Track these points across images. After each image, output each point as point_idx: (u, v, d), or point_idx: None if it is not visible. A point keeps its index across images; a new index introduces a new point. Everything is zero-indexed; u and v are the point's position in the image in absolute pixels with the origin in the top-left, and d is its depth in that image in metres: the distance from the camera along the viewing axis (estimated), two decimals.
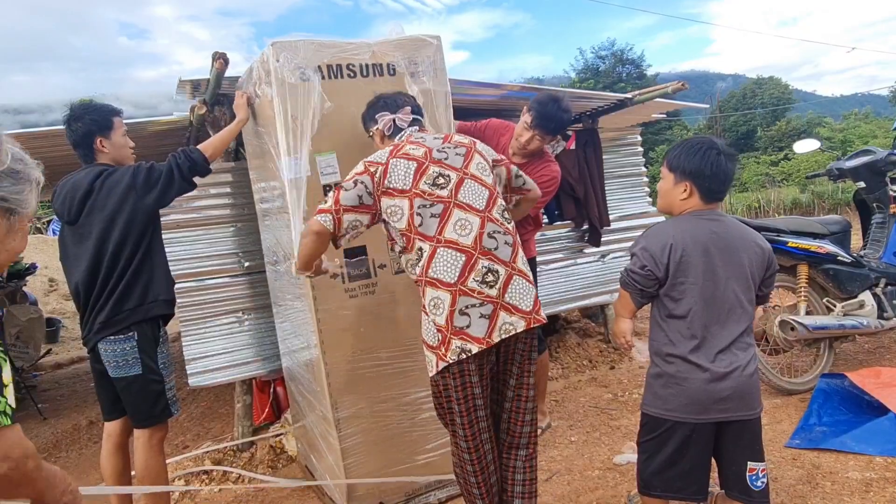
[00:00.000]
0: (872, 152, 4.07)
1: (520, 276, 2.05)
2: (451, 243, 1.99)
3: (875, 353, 4.12)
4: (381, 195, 2.05)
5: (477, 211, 2.05)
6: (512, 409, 2.15)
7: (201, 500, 3.15)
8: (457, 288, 1.96)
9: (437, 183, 2.05)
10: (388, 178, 2.05)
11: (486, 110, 4.21)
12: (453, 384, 2.00)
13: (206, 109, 3.34)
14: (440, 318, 1.97)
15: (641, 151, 5.28)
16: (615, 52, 34.72)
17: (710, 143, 2.06)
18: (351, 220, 2.03)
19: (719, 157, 2.02)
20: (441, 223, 2.01)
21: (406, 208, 2.02)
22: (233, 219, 3.56)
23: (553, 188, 3.18)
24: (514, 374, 2.12)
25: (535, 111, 2.95)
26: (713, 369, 1.97)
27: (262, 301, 3.53)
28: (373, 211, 2.07)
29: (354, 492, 2.56)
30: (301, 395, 2.99)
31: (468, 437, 2.04)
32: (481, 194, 2.08)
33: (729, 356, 1.99)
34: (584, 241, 4.79)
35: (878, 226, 4.04)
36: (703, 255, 2.00)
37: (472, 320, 1.95)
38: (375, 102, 2.33)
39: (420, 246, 2.01)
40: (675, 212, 2.13)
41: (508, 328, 1.98)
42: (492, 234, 2.04)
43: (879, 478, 2.58)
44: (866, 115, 29.05)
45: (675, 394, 2.01)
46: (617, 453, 3.05)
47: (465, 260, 1.98)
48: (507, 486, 2.15)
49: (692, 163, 2.04)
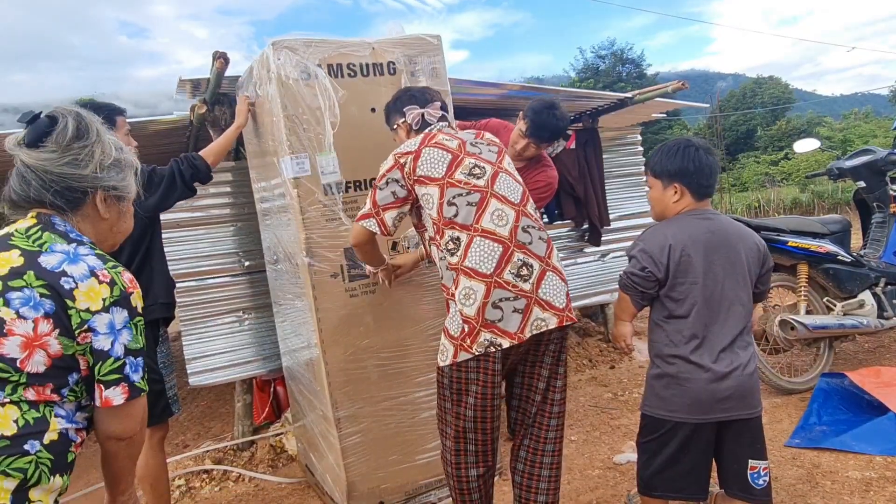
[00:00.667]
0: (872, 152, 4.08)
1: (553, 272, 2.01)
2: (488, 233, 1.96)
3: (875, 352, 4.13)
4: (415, 183, 2.05)
5: (512, 204, 2.03)
6: (538, 412, 2.09)
7: (202, 499, 3.15)
8: (492, 280, 1.91)
9: (474, 173, 2.03)
10: (419, 166, 2.03)
11: (487, 110, 4.22)
12: (470, 378, 1.95)
13: (207, 109, 3.35)
14: (470, 309, 1.91)
15: (641, 151, 5.28)
16: (615, 52, 34.73)
17: (686, 142, 2.10)
18: (394, 216, 2.09)
19: (698, 152, 2.05)
20: (478, 212, 1.98)
21: (436, 197, 2.00)
22: (233, 218, 3.56)
23: (548, 194, 3.18)
24: (542, 376, 2.07)
25: (529, 120, 2.93)
26: (715, 369, 1.97)
27: (262, 300, 3.53)
28: (410, 199, 2.09)
29: (354, 491, 2.57)
30: (301, 394, 2.99)
31: (478, 438, 1.99)
32: (515, 189, 2.08)
33: (730, 355, 1.99)
34: (584, 240, 4.79)
35: (878, 225, 4.04)
36: (702, 253, 2.00)
37: (505, 314, 1.91)
38: (402, 95, 2.29)
39: (457, 235, 1.97)
40: (669, 216, 2.14)
41: (540, 324, 1.93)
42: (526, 228, 2.01)
43: (879, 477, 2.58)
44: (866, 114, 29.06)
45: (678, 394, 2.01)
46: (617, 452, 3.05)
47: (501, 251, 1.94)
48: (532, 489, 2.11)
49: (674, 164, 2.07)
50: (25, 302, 1.22)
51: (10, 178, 1.36)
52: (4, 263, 1.25)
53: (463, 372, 1.95)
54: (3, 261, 1.26)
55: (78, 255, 1.30)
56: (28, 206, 1.37)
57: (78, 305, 1.25)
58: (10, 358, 1.19)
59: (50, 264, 1.27)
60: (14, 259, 1.26)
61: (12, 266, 1.25)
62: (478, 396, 1.96)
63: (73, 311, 1.25)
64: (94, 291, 1.27)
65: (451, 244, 1.97)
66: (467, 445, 2.02)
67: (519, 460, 2.13)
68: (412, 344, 2.62)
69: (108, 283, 1.30)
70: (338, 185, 2.52)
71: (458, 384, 1.97)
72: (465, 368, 1.94)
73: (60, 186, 1.34)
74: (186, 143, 4.22)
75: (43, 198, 1.34)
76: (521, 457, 2.12)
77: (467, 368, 1.94)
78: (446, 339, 1.98)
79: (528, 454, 2.10)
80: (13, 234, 1.32)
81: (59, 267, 1.27)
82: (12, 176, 1.37)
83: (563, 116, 2.97)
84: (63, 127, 1.35)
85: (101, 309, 1.28)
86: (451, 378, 1.98)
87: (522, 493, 2.12)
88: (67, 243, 1.32)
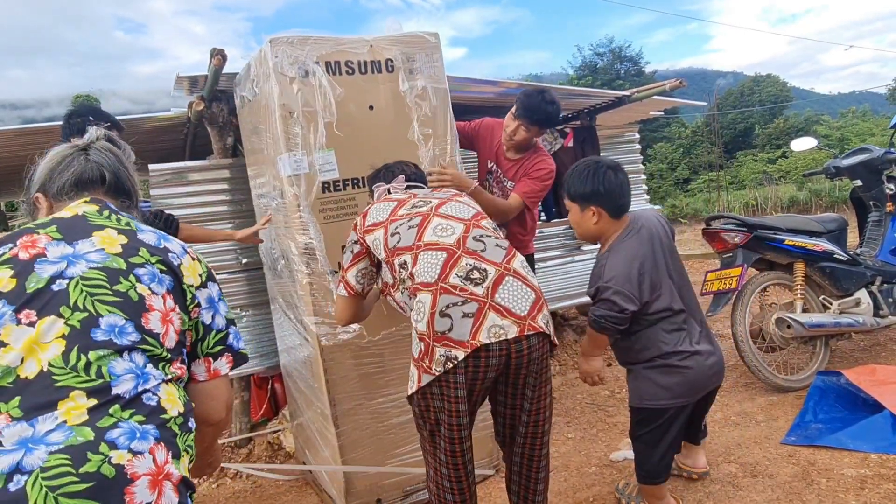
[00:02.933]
0: (869, 150, 4.08)
1: (516, 277, 1.82)
2: (431, 245, 1.85)
3: (871, 350, 4.14)
4: (364, 234, 2.04)
5: (460, 219, 1.94)
6: (528, 434, 1.92)
7: (199, 495, 3.16)
8: (437, 286, 1.75)
9: (416, 206, 2.02)
10: (366, 219, 2.05)
11: (484, 108, 4.22)
12: (436, 406, 1.78)
13: (204, 106, 3.34)
14: (421, 325, 1.76)
15: (639, 149, 5.30)
16: (613, 49, 34.69)
17: (595, 164, 2.21)
18: (354, 273, 2.07)
19: (608, 173, 2.17)
20: (420, 231, 1.90)
21: (381, 236, 1.97)
22: (231, 215, 3.55)
23: (550, 181, 3.19)
24: (528, 397, 1.87)
25: (520, 102, 2.99)
26: (702, 350, 2.20)
27: (259, 298, 3.53)
28: (363, 252, 2.06)
29: (352, 488, 2.57)
30: (299, 391, 3.00)
31: (449, 463, 1.82)
32: (467, 210, 2.01)
33: (706, 334, 2.26)
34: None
35: (875, 224, 4.05)
36: (655, 262, 2.18)
37: (455, 321, 1.71)
38: (375, 174, 2.30)
39: (404, 259, 1.87)
40: (594, 236, 2.29)
41: (499, 332, 1.72)
42: (478, 237, 1.88)
43: (874, 474, 2.59)
44: (864, 113, 29.05)
45: (678, 381, 2.16)
46: (614, 450, 3.06)
47: (446, 257, 1.80)
48: (529, 500, 2.00)
49: (587, 186, 2.18)
50: (152, 278, 1.21)
51: (73, 161, 1.36)
52: (111, 242, 1.22)
53: (429, 399, 1.79)
54: (107, 239, 1.22)
55: (163, 234, 1.32)
56: (82, 188, 1.36)
57: (186, 281, 1.27)
58: (156, 333, 1.17)
59: (152, 241, 1.27)
60: (116, 236, 1.24)
61: (121, 244, 1.23)
62: (442, 422, 1.79)
63: (185, 286, 1.27)
64: (193, 268, 1.30)
65: (402, 271, 1.88)
66: (447, 475, 1.85)
67: (513, 476, 2.03)
68: (410, 341, 2.62)
69: (197, 259, 1.34)
70: (335, 183, 2.52)
71: (427, 411, 1.82)
72: (430, 395, 1.78)
73: (130, 179, 1.42)
74: (184, 140, 4.22)
75: (109, 180, 1.37)
76: (514, 471, 2.01)
77: (431, 394, 1.77)
78: (412, 364, 1.83)
79: (522, 476, 1.99)
80: (85, 216, 1.27)
81: (160, 244, 1.27)
82: (83, 159, 1.37)
83: (552, 100, 2.99)
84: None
85: (201, 284, 1.30)
86: (421, 407, 1.84)
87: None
88: (144, 224, 1.33)
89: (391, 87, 2.61)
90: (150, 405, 1.10)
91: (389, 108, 2.61)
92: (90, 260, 1.17)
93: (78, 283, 1.14)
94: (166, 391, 1.14)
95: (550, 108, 2.99)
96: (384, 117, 2.60)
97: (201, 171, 3.49)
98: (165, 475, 1.05)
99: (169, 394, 1.14)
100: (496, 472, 2.89)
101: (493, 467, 2.89)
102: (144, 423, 1.07)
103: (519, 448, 1.96)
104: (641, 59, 34.76)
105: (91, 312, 1.11)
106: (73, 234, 1.21)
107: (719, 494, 2.57)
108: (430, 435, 1.88)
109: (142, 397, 1.10)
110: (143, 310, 1.17)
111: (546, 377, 1.89)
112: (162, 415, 1.11)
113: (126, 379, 1.09)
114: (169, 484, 1.05)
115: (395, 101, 2.62)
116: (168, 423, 1.11)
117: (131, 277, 1.18)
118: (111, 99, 37.69)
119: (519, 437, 1.95)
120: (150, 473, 1.02)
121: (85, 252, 1.18)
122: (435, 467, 1.89)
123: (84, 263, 1.17)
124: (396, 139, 2.61)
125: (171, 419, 1.12)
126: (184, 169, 3.45)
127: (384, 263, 1.99)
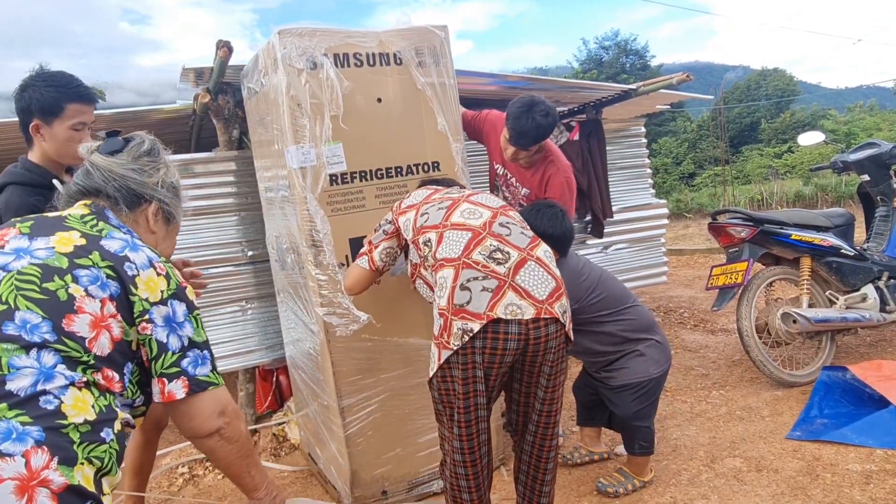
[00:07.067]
0: (877, 145, 4.06)
1: (537, 263, 1.87)
2: (457, 225, 1.94)
3: (877, 346, 4.13)
4: (398, 216, 2.16)
5: (489, 207, 2.04)
6: (541, 423, 1.96)
7: (205, 486, 3.18)
8: (460, 261, 1.82)
9: (450, 193, 2.16)
10: (403, 203, 2.19)
11: (490, 101, 4.20)
12: (455, 385, 1.79)
13: (210, 98, 3.34)
14: (443, 300, 1.80)
15: (645, 143, 5.28)
16: (619, 43, 34.49)
17: (549, 208, 2.44)
18: (380, 250, 2.19)
19: (554, 219, 2.40)
20: (448, 212, 2.01)
21: (413, 216, 2.08)
22: (237, 208, 3.56)
23: (571, 193, 3.07)
24: (542, 385, 1.91)
25: (510, 128, 2.83)
26: (652, 320, 2.65)
27: (265, 290, 3.54)
28: (394, 232, 2.17)
29: (358, 479, 2.58)
30: (304, 383, 3.01)
31: (465, 448, 1.85)
32: (496, 202, 2.12)
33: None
34: (586, 232, 4.79)
35: (882, 219, 4.03)
36: (584, 268, 2.56)
37: (474, 294, 1.75)
38: (433, 180, 2.43)
39: (428, 237, 1.97)
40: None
41: (515, 310, 1.75)
42: (505, 223, 1.96)
43: (880, 470, 2.59)
44: (871, 107, 28.89)
45: (662, 350, 2.58)
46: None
47: (471, 236, 1.89)
48: (536, 491, 2.04)
49: (540, 228, 2.31)
50: (93, 281, 1.19)
51: (73, 176, 1.43)
52: (67, 242, 1.22)
53: (448, 381, 1.81)
54: (65, 240, 1.23)
55: (137, 245, 1.31)
56: (83, 196, 1.40)
57: (139, 293, 1.25)
58: (80, 336, 1.15)
59: (113, 248, 1.26)
60: (76, 239, 1.24)
61: (76, 245, 1.23)
62: (460, 397, 1.79)
63: (135, 297, 1.24)
64: (153, 282, 1.27)
65: (426, 248, 1.97)
66: (462, 458, 1.88)
67: (521, 466, 2.07)
68: (416, 332, 2.63)
69: (164, 275, 1.30)
70: (342, 175, 2.52)
71: (447, 384, 1.82)
72: (450, 376, 1.80)
73: (120, 185, 1.41)
74: (189, 132, 4.22)
75: (102, 189, 1.39)
76: (523, 460, 2.05)
77: (451, 375, 1.79)
78: (432, 343, 1.86)
79: (531, 468, 2.03)
80: (67, 217, 1.30)
81: (121, 252, 1.26)
82: (76, 174, 1.43)
83: (545, 112, 2.77)
84: (139, 142, 1.48)
85: (159, 301, 1.27)
86: (440, 391, 1.85)
87: (527, 493, 2.07)
88: (123, 233, 1.32)
89: (399, 80, 2.60)
90: (46, 408, 1.06)
91: (398, 100, 2.60)
92: (35, 256, 1.19)
93: (12, 276, 1.15)
94: (74, 396, 1.10)
95: (544, 122, 2.78)
96: (393, 110, 2.59)
97: (207, 163, 3.49)
98: (41, 481, 0.99)
99: (77, 399, 1.10)
100: (502, 464, 2.90)
101: (500, 460, 2.89)
102: (29, 424, 1.03)
103: (531, 436, 2.01)
104: (647, 52, 34.58)
105: (10, 306, 1.11)
106: (40, 231, 1.25)
107: (724, 489, 2.58)
108: (448, 420, 1.90)
109: (38, 398, 1.06)
110: (69, 311, 1.15)
111: (561, 367, 1.93)
112: (58, 419, 1.06)
113: (25, 375, 1.06)
114: (45, 491, 0.99)
115: (404, 93, 2.61)
116: (64, 429, 1.06)
117: (67, 277, 1.17)
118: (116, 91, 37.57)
119: (531, 425, 2.00)
120: (17, 478, 0.97)
121: (35, 248, 1.20)
122: (450, 454, 1.92)
123: (28, 258, 1.18)
124: (404, 131, 2.60)
125: (69, 425, 1.07)
126: (189, 161, 3.45)
127: (411, 244, 2.06)
